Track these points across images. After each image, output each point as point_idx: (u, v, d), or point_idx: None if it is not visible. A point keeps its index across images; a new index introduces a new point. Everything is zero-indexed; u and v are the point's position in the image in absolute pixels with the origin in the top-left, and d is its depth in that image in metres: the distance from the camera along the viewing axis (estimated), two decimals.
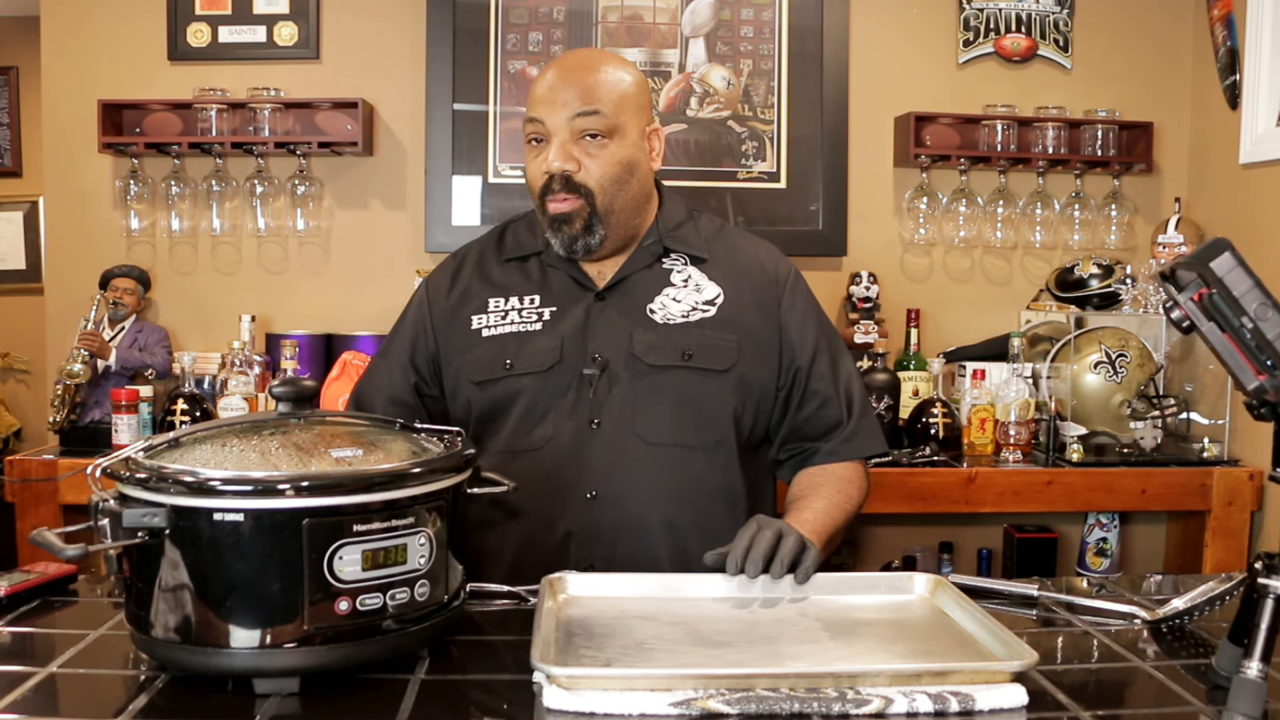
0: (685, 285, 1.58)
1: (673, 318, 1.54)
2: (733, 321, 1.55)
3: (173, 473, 0.97)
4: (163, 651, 0.99)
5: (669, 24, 3.01)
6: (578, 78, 1.50)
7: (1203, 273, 0.93)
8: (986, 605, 1.19)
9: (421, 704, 0.96)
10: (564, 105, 1.48)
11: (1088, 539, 2.90)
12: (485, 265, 1.63)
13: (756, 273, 1.62)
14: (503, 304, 1.58)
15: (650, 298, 1.56)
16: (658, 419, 1.50)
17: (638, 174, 1.54)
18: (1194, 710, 0.98)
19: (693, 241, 1.61)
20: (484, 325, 1.56)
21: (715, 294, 1.58)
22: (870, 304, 2.96)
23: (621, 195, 1.52)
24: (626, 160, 1.51)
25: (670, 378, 1.51)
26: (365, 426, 1.15)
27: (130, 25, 2.94)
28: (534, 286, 1.58)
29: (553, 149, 1.49)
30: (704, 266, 1.60)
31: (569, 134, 1.48)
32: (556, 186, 1.49)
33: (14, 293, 4.45)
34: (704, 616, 1.16)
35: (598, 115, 1.48)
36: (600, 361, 1.50)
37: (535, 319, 1.55)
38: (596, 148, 1.49)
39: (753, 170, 3.02)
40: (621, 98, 1.51)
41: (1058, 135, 2.98)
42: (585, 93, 1.48)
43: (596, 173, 1.49)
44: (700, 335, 1.53)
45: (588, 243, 1.52)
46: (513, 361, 1.52)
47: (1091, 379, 2.69)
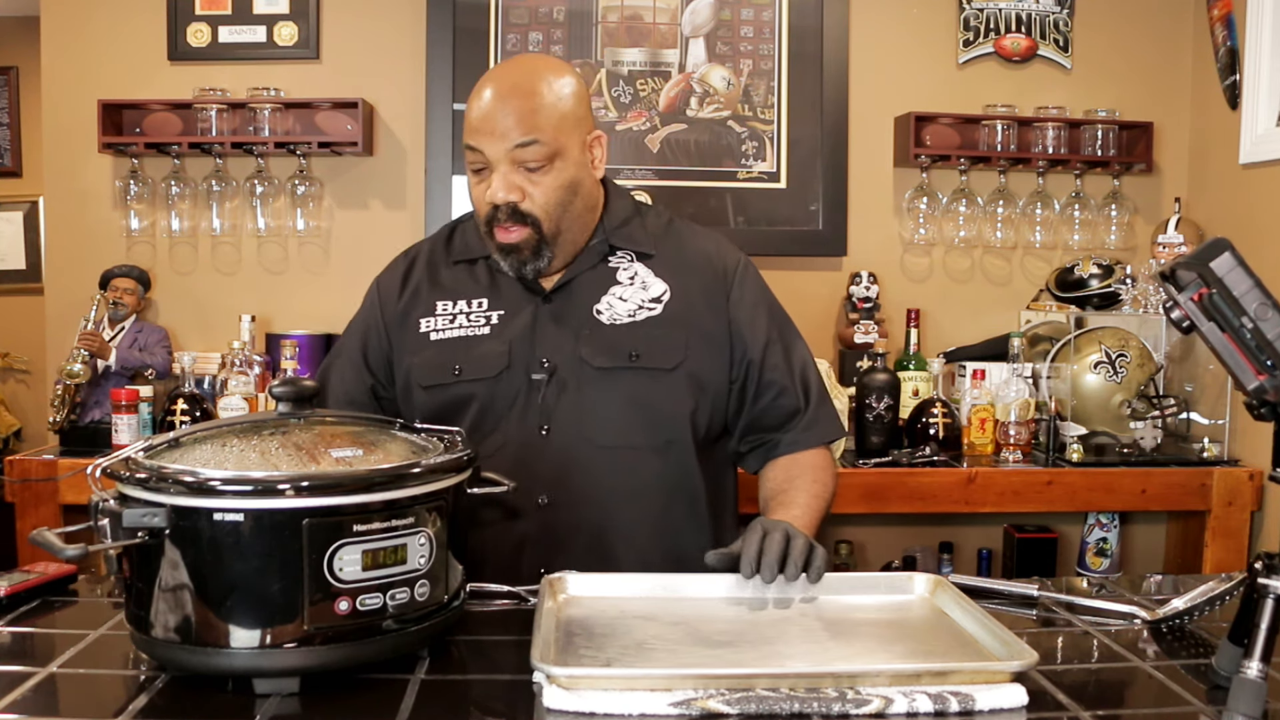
0: (632, 283, 1.56)
1: (619, 318, 1.53)
2: (680, 318, 1.54)
3: (173, 473, 0.97)
4: (163, 651, 0.99)
5: (669, 24, 3.01)
6: (515, 105, 1.45)
7: (1203, 273, 0.93)
8: (986, 605, 1.19)
9: (421, 704, 0.96)
10: (502, 136, 1.44)
11: (1088, 539, 2.90)
12: (434, 266, 1.62)
13: (704, 266, 1.60)
14: (450, 307, 1.56)
15: (596, 298, 1.54)
16: (607, 422, 1.49)
17: (582, 191, 1.52)
18: (1194, 710, 0.98)
19: (639, 238, 1.60)
20: (432, 329, 1.55)
21: (661, 290, 1.56)
22: (870, 304, 2.96)
23: (567, 217, 1.50)
24: (570, 182, 1.49)
25: (618, 379, 1.50)
26: (365, 426, 1.15)
27: (130, 25, 2.94)
28: (482, 290, 1.57)
29: (495, 181, 1.46)
30: (650, 263, 1.58)
31: (509, 164, 1.45)
32: (502, 217, 1.47)
33: (14, 293, 4.45)
34: (704, 616, 1.16)
35: (537, 145, 1.44)
36: (549, 366, 1.50)
37: (483, 323, 1.54)
38: (539, 175, 1.46)
39: (753, 170, 3.02)
40: (560, 119, 1.47)
41: (1058, 135, 2.98)
42: (522, 121, 1.44)
43: (541, 199, 1.47)
44: (647, 334, 1.52)
45: (537, 266, 1.51)
46: (461, 367, 1.51)
47: (1091, 379, 2.69)
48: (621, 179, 2.97)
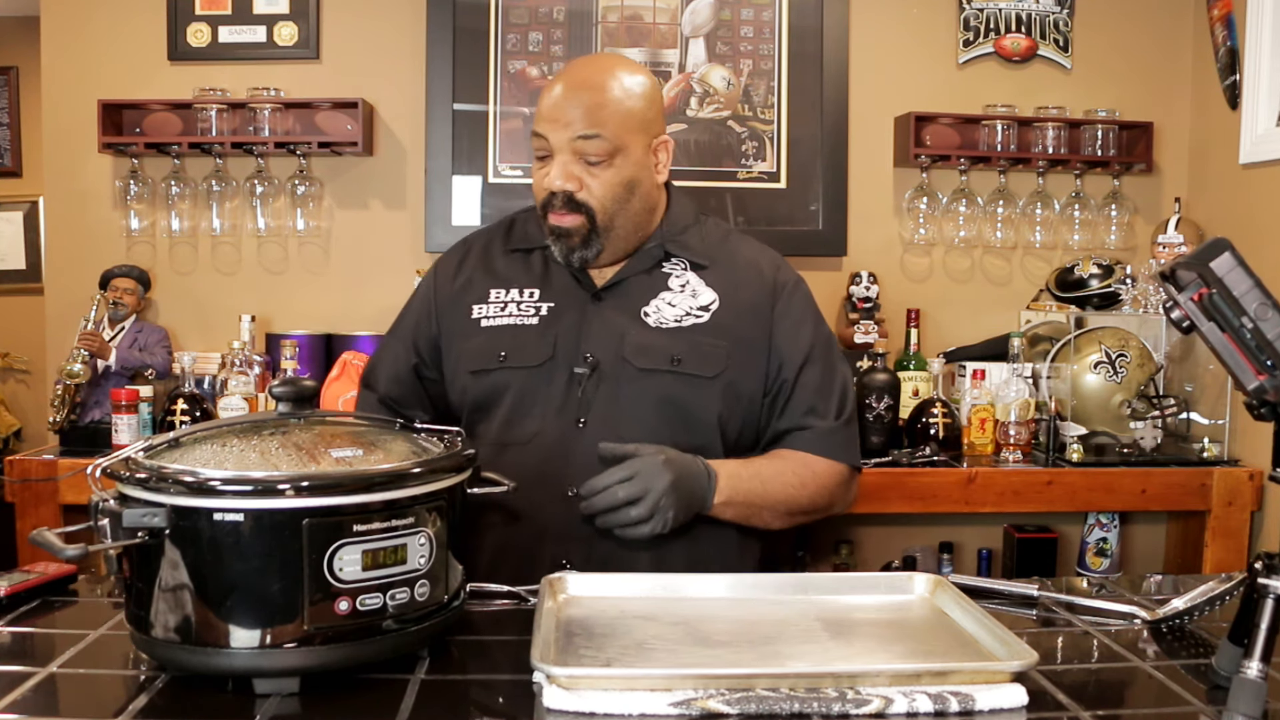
0: (683, 290, 1.58)
1: (665, 321, 1.55)
2: (725, 328, 1.56)
3: (173, 473, 0.97)
4: (163, 651, 0.99)
5: (669, 24, 3.01)
6: (583, 97, 1.49)
7: (1203, 273, 0.93)
8: (986, 605, 1.19)
9: (421, 704, 0.96)
10: (566, 125, 1.48)
11: (1088, 539, 2.90)
12: (491, 254, 1.65)
13: (754, 279, 1.62)
14: (503, 295, 1.59)
15: (646, 300, 1.56)
16: (642, 422, 1.50)
17: (640, 191, 1.54)
18: (1194, 710, 0.98)
19: (695, 247, 1.62)
20: (483, 315, 1.58)
21: (710, 299, 1.58)
22: (870, 304, 2.96)
23: (622, 213, 1.53)
24: (628, 180, 1.52)
25: (657, 381, 1.51)
26: (365, 426, 1.15)
27: (130, 25, 2.94)
28: (535, 280, 1.60)
29: (555, 168, 1.50)
30: (704, 273, 1.60)
31: (571, 153, 1.49)
32: (558, 204, 1.50)
33: (14, 293, 4.45)
34: (704, 616, 1.16)
35: (599, 139, 1.48)
36: (591, 361, 1.51)
37: (532, 313, 1.56)
38: (599, 169, 1.50)
39: (753, 170, 3.02)
40: (626, 117, 1.50)
41: (1058, 135, 2.98)
42: (588, 114, 1.48)
43: (598, 192, 1.50)
44: (691, 340, 1.54)
45: (584, 255, 1.53)
46: (506, 354, 1.54)
47: (1091, 379, 2.69)
48: None
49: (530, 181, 1.58)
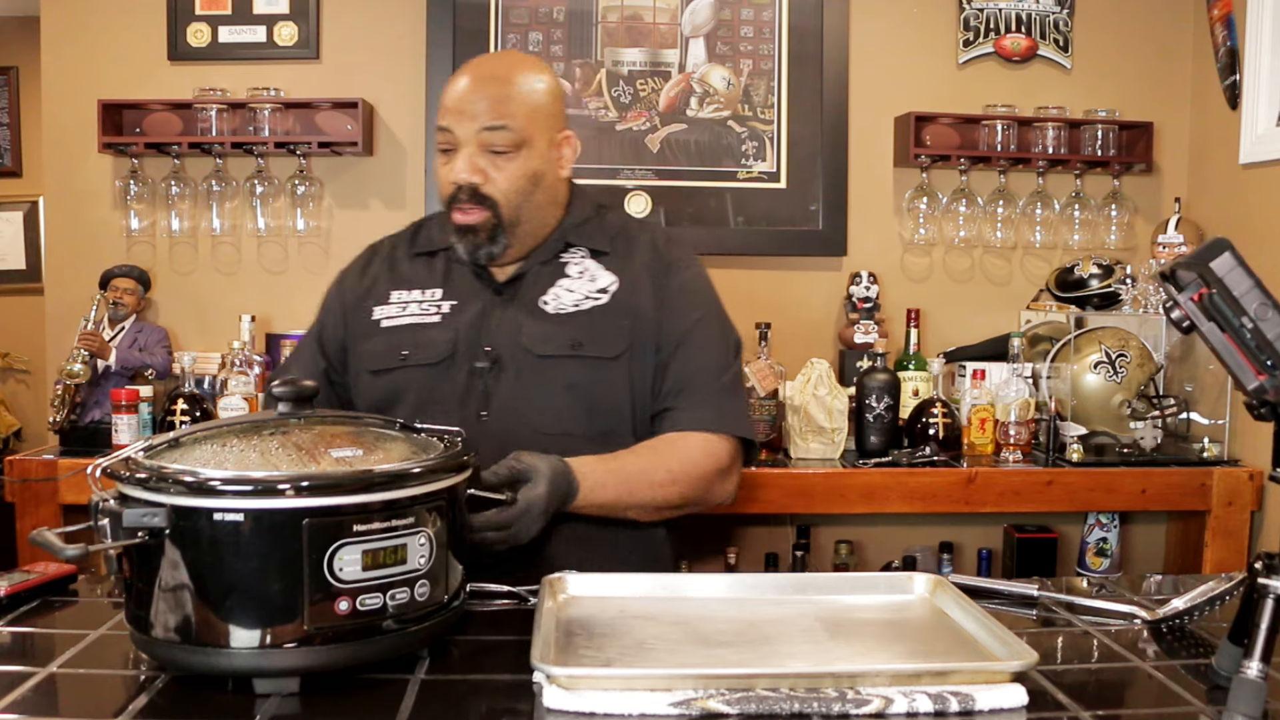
0: (581, 277, 1.59)
1: (564, 307, 1.55)
2: (626, 307, 1.56)
3: (173, 473, 0.97)
4: (163, 651, 0.99)
5: (669, 24, 3.01)
6: (489, 89, 1.50)
7: (1203, 273, 0.93)
8: (986, 605, 1.19)
9: (421, 704, 0.96)
10: (472, 117, 1.49)
11: (1088, 539, 2.90)
12: (395, 259, 1.66)
13: (650, 259, 1.62)
14: (404, 296, 1.60)
15: (544, 290, 1.57)
16: (546, 409, 1.50)
17: (544, 184, 1.55)
18: (1194, 710, 0.98)
19: (595, 236, 1.62)
20: (384, 316, 1.59)
21: (609, 281, 1.58)
22: (870, 304, 2.96)
23: (527, 206, 1.54)
24: (533, 173, 1.53)
25: (559, 367, 1.52)
26: (365, 426, 1.15)
27: (130, 25, 2.94)
28: (437, 280, 1.61)
29: (460, 160, 1.50)
30: (603, 259, 1.61)
31: (476, 146, 1.50)
32: (463, 197, 1.51)
33: (14, 293, 4.45)
34: (704, 616, 1.16)
35: (505, 130, 1.49)
36: (491, 354, 1.52)
37: (434, 311, 1.57)
38: (504, 160, 1.51)
39: (753, 170, 3.02)
40: (532, 110, 1.51)
41: (1058, 135, 2.98)
42: (494, 106, 1.49)
43: (503, 185, 1.51)
44: (591, 323, 1.54)
45: (491, 251, 1.54)
46: (409, 353, 1.54)
47: (1091, 379, 2.69)
48: (621, 179, 2.97)
49: None
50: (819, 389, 2.63)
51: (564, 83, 2.98)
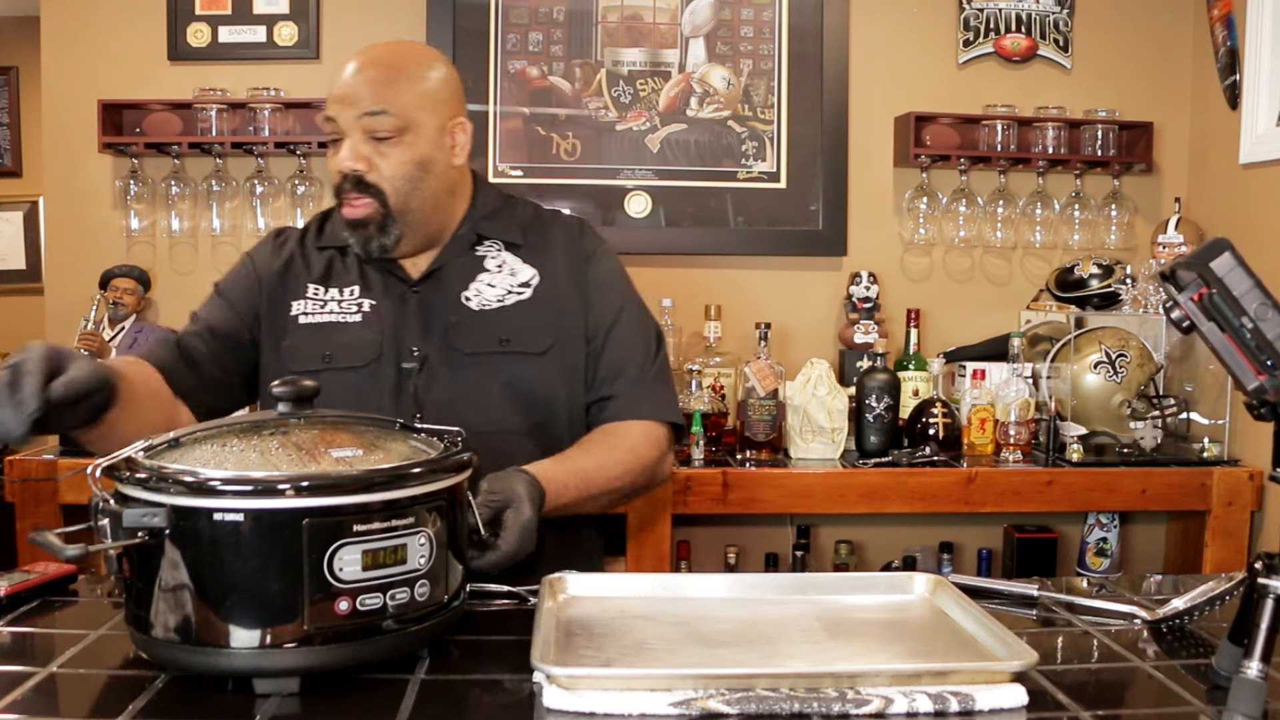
0: (500, 270, 1.57)
1: (488, 303, 1.54)
2: (549, 302, 1.55)
3: (173, 473, 0.97)
4: (163, 651, 0.99)
5: (669, 24, 3.01)
6: (370, 75, 1.48)
7: (1203, 273, 0.93)
8: (986, 605, 1.19)
9: (421, 704, 0.96)
10: (353, 104, 1.47)
11: (1088, 539, 2.90)
12: (305, 248, 1.62)
13: (567, 250, 1.61)
14: (321, 293, 1.56)
15: (465, 285, 1.55)
16: (480, 407, 1.49)
17: (434, 171, 1.52)
18: (1194, 710, 0.98)
19: (507, 228, 1.61)
20: (302, 312, 1.55)
21: (530, 275, 1.57)
22: (870, 304, 2.96)
23: (417, 194, 1.50)
24: (420, 159, 1.50)
25: (489, 364, 1.50)
26: (366, 426, 1.14)
27: (130, 25, 2.94)
28: (352, 277, 1.57)
29: (344, 149, 1.48)
30: (519, 251, 1.59)
31: (360, 133, 1.47)
32: (349, 187, 1.48)
33: (14, 293, 4.45)
34: (704, 616, 1.16)
35: (386, 115, 1.46)
36: (419, 355, 1.50)
37: (354, 310, 1.54)
38: (388, 147, 1.48)
39: (753, 170, 3.02)
40: (417, 95, 1.49)
41: (1058, 135, 2.98)
42: (375, 92, 1.47)
43: (388, 172, 1.48)
44: (516, 318, 1.53)
45: (383, 243, 1.51)
46: (332, 354, 1.50)
47: (1091, 379, 2.69)
48: (621, 179, 2.97)
49: (530, 180, 1.58)
50: (819, 389, 2.63)
51: (564, 82, 2.98)
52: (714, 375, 2.80)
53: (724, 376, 2.82)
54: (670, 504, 2.52)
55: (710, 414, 2.66)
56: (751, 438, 2.65)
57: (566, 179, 2.96)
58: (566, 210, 2.92)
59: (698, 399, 2.66)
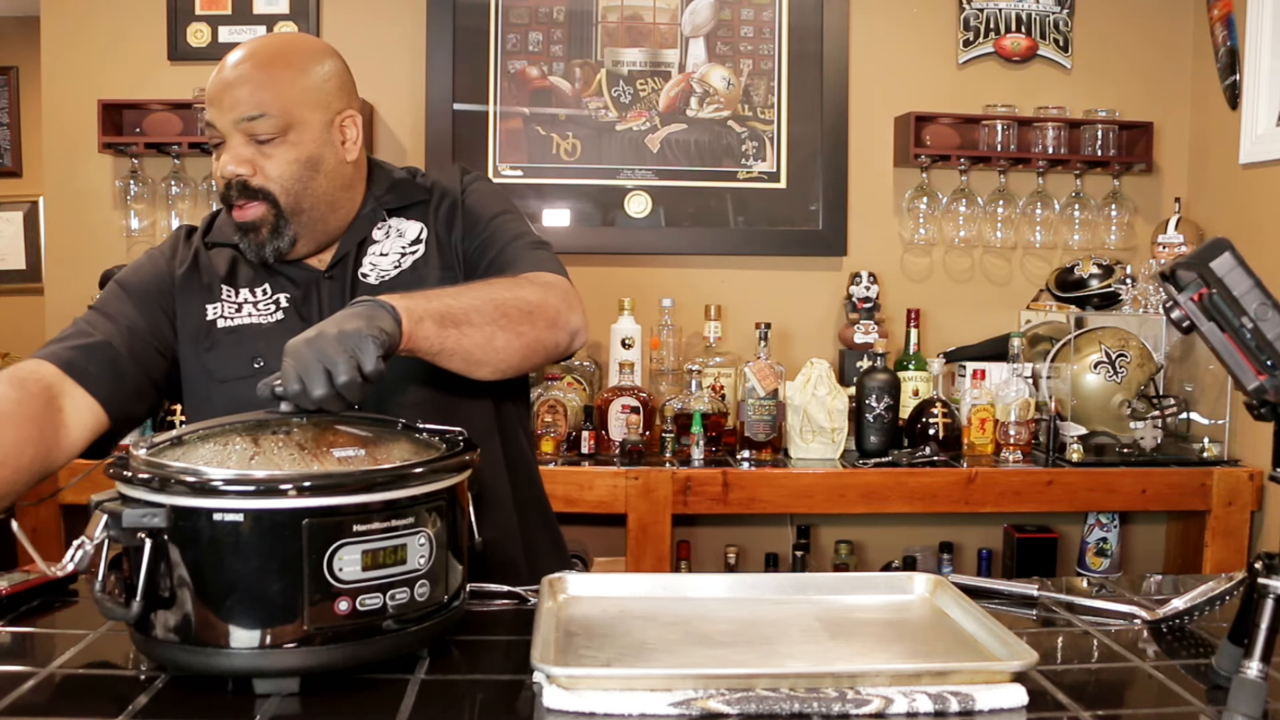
0: (387, 237, 1.52)
1: (386, 273, 1.48)
2: (442, 248, 1.50)
3: (173, 473, 0.97)
4: (163, 651, 0.99)
5: (669, 24, 3.01)
6: (245, 76, 1.40)
7: (1203, 273, 0.93)
8: (986, 605, 1.19)
9: (421, 704, 0.96)
10: (230, 108, 1.39)
11: (1088, 539, 2.90)
12: (202, 249, 1.54)
13: (445, 194, 1.55)
14: (234, 295, 1.49)
15: (359, 263, 1.49)
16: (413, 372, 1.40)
17: (325, 168, 1.45)
18: (1194, 710, 0.98)
19: (403, 193, 1.54)
20: (220, 315, 1.47)
21: (418, 230, 1.52)
22: (870, 304, 2.96)
23: (309, 194, 1.44)
24: (307, 158, 1.43)
25: None
26: (367, 426, 1.14)
27: (130, 25, 2.94)
28: (260, 276, 1.50)
29: (225, 154, 1.41)
30: (404, 212, 1.53)
31: (241, 136, 1.41)
32: (234, 193, 1.42)
33: (14, 293, 4.45)
34: (704, 616, 1.16)
35: (265, 118, 1.40)
36: None
37: (272, 310, 1.47)
38: (272, 148, 1.41)
39: (753, 170, 3.02)
40: (299, 94, 1.42)
41: (1058, 135, 2.98)
42: (251, 94, 1.39)
43: (274, 173, 1.41)
44: (415, 279, 1.46)
45: (278, 246, 1.44)
46: (263, 360, 1.42)
47: (1091, 379, 2.69)
48: (621, 179, 2.97)
49: (530, 180, 1.55)
50: (819, 389, 2.63)
51: (564, 82, 2.98)
52: (714, 375, 2.80)
53: (724, 376, 2.82)
54: (670, 504, 2.52)
55: (710, 414, 2.66)
56: (751, 438, 2.65)
57: (566, 179, 2.96)
58: (566, 211, 2.97)
59: (698, 399, 2.66)
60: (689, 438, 2.60)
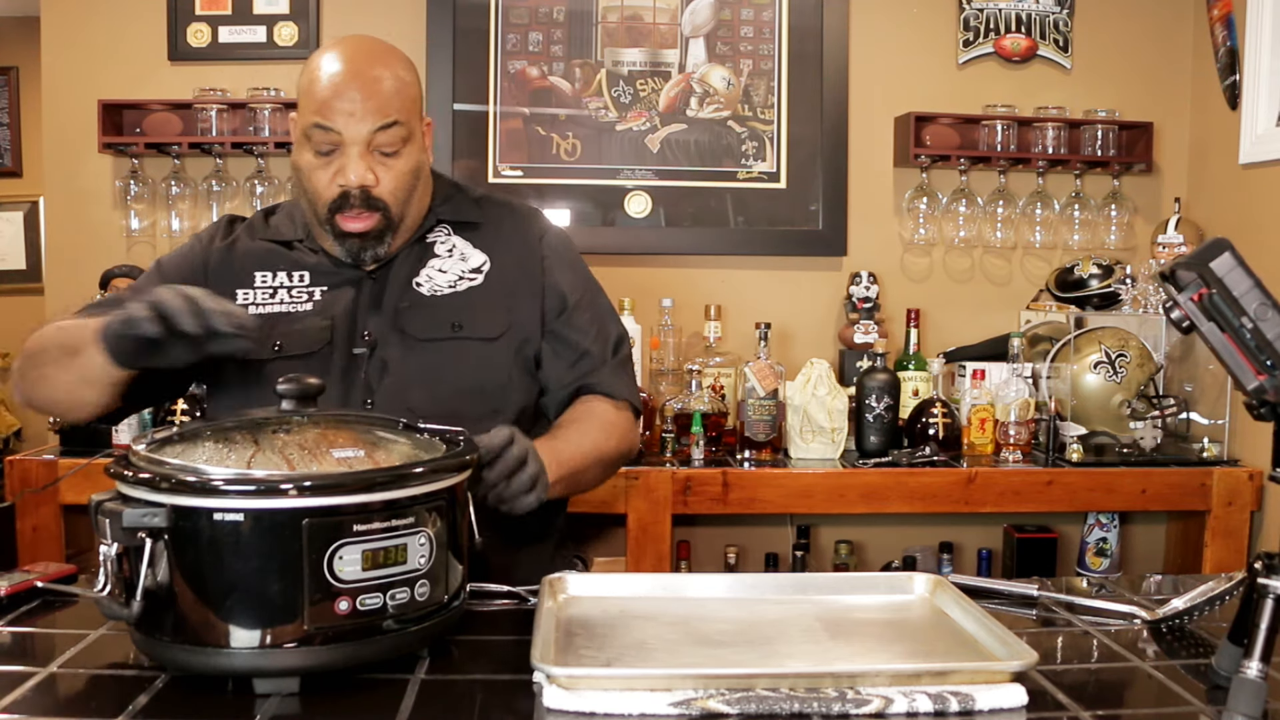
0: (450, 255, 1.55)
1: (439, 289, 1.51)
2: (501, 287, 1.53)
3: (173, 472, 0.97)
4: (163, 651, 0.99)
5: (669, 24, 3.01)
6: (374, 85, 1.42)
7: (1203, 273, 0.93)
8: (986, 605, 1.19)
9: (421, 704, 0.96)
10: (362, 117, 1.40)
11: (1088, 539, 2.90)
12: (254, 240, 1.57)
13: (518, 234, 1.59)
14: (269, 280, 1.52)
15: (416, 272, 1.52)
16: (431, 392, 1.46)
17: (423, 176, 1.51)
18: (1194, 710, 0.98)
19: (464, 210, 1.59)
20: (250, 301, 1.50)
21: (481, 261, 1.55)
22: (870, 304, 2.96)
23: (411, 203, 1.49)
24: (415, 168, 1.48)
25: (441, 350, 1.48)
26: (367, 426, 1.14)
27: (130, 25, 2.94)
28: (301, 265, 1.53)
29: (351, 163, 1.41)
30: (469, 234, 1.57)
31: (362, 147, 1.41)
32: (355, 202, 1.43)
33: (14, 293, 4.45)
34: (704, 616, 1.16)
35: (397, 126, 1.42)
36: (369, 340, 1.47)
37: (305, 299, 1.50)
38: (391, 160, 1.44)
39: (753, 170, 3.02)
40: (412, 103, 1.46)
41: (1058, 135, 2.98)
42: (384, 104, 1.41)
43: (391, 185, 1.44)
44: (468, 304, 1.50)
45: (377, 253, 1.48)
46: (281, 343, 1.46)
47: (1091, 379, 2.69)
48: (621, 179, 2.97)
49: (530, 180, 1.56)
50: (819, 389, 2.63)
51: (564, 82, 2.98)
52: (714, 375, 2.80)
53: (724, 376, 2.82)
54: (670, 504, 2.52)
55: (710, 414, 2.66)
56: (751, 438, 2.65)
57: (566, 179, 2.96)
58: (566, 211, 2.96)
59: (698, 399, 2.66)
60: (689, 438, 2.60)
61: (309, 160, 1.45)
